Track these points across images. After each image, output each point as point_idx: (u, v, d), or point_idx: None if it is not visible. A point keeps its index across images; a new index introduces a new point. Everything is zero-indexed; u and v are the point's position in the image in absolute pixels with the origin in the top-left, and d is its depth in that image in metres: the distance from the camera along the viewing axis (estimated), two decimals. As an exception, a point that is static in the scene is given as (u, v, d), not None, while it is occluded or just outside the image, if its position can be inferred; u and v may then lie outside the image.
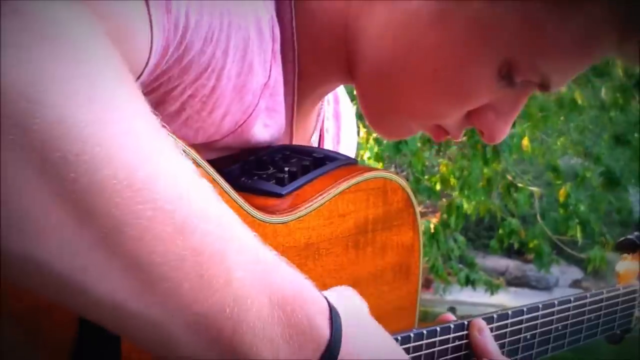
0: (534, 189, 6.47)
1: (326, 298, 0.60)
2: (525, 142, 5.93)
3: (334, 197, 0.83)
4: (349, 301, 0.66)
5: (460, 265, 6.75)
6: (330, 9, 0.87)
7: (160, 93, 0.71)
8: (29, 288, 0.49)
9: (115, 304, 0.48)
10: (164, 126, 0.52)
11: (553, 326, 1.10)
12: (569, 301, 1.14)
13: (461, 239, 6.51)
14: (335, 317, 0.59)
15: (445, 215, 6.03)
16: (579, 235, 6.27)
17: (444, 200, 6.36)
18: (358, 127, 1.17)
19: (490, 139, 0.90)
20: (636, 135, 6.81)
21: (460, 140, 0.96)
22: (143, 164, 0.48)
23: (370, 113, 0.93)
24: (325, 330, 0.57)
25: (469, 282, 6.58)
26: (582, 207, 6.21)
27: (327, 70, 0.91)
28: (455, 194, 6.04)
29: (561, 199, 6.16)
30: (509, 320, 1.03)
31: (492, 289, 6.81)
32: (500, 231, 6.36)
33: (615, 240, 1.44)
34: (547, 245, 6.47)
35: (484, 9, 0.80)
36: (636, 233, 1.38)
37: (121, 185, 0.46)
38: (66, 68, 0.46)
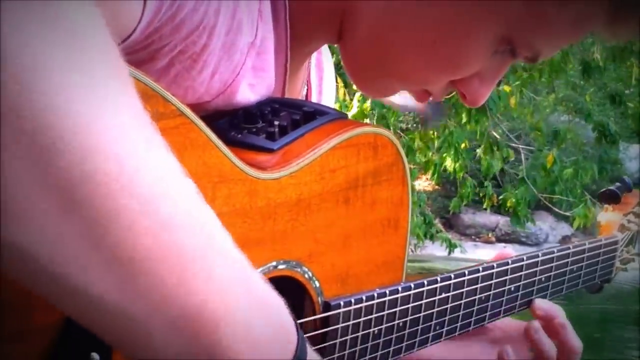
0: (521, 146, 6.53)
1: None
2: (513, 101, 5.98)
3: (325, 152, 0.83)
4: None
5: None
6: None
7: (151, 50, 0.71)
8: (8, 274, 0.48)
9: (94, 296, 0.47)
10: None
11: (536, 278, 1.11)
12: (552, 252, 1.15)
13: (423, 196, 6.60)
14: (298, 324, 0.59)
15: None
16: (563, 196, 6.37)
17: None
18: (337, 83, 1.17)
19: (473, 103, 0.94)
20: (627, 91, 6.87)
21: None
22: (132, 157, 0.47)
23: (358, 74, 0.95)
24: (294, 335, 0.57)
25: (426, 236, 6.72)
26: (568, 171, 6.33)
27: (319, 30, 0.92)
28: (430, 154, 6.09)
29: (548, 165, 6.26)
30: (495, 270, 1.05)
31: (451, 247, 6.95)
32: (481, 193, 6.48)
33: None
34: (524, 204, 6.57)
35: None
36: (617, 184, 1.38)
37: (109, 178, 0.45)
38: (63, 57, 0.45)
